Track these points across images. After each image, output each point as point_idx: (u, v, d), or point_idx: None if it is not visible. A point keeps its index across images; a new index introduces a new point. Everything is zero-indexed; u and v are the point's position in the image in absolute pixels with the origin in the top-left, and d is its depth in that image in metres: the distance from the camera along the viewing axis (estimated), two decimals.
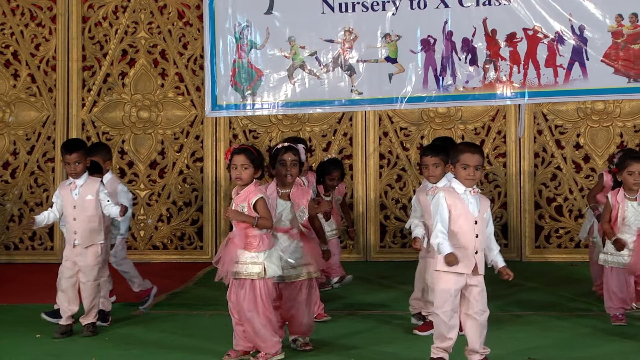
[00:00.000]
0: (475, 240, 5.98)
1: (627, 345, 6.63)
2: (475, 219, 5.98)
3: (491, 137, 10.56)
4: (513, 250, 10.41)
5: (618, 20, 9.99)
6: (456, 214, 5.98)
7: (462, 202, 5.98)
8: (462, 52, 10.26)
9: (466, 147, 6.07)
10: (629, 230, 7.24)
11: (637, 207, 7.23)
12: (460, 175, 6.01)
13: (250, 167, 6.36)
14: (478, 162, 5.99)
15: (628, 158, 7.30)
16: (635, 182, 7.21)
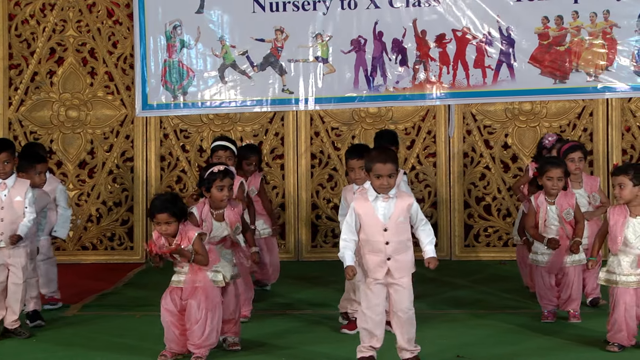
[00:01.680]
0: (385, 247, 6.02)
1: (552, 341, 6.74)
2: (385, 226, 6.01)
3: (421, 137, 10.66)
4: (443, 249, 10.52)
5: (544, 23, 10.16)
6: (366, 222, 6.04)
7: (372, 210, 6.02)
8: (393, 52, 10.34)
9: (377, 157, 6.07)
10: (549, 232, 7.38)
11: (555, 210, 7.38)
12: (374, 184, 6.06)
13: (174, 222, 6.35)
14: (390, 171, 6.01)
15: (547, 164, 7.44)
16: (553, 187, 7.36)
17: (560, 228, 7.35)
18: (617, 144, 10.32)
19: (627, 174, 6.47)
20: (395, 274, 6.02)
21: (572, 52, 10.12)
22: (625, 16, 10.01)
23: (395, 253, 6.03)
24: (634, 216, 6.47)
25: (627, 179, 6.45)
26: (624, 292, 6.46)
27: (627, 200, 6.47)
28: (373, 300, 6.06)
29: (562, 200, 7.38)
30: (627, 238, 6.46)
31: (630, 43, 10.05)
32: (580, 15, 10.08)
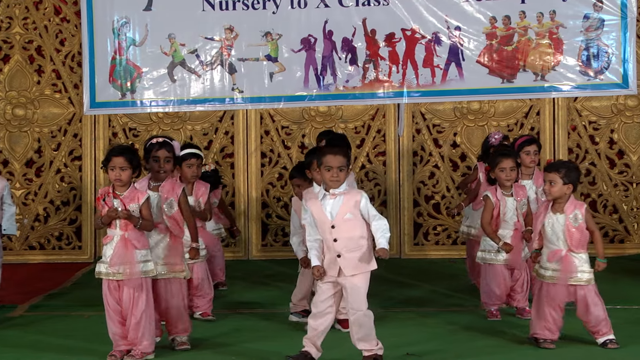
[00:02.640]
0: (333, 244, 6.04)
1: (499, 340, 6.81)
2: (332, 223, 6.04)
3: (371, 135, 10.70)
4: (393, 248, 10.56)
5: (492, 22, 10.25)
6: (317, 219, 6.08)
7: (320, 208, 6.05)
8: (343, 51, 10.37)
9: (329, 149, 6.14)
10: (506, 225, 7.45)
11: (513, 202, 7.45)
12: (325, 177, 6.08)
13: (128, 168, 6.34)
14: (341, 163, 6.03)
15: (499, 155, 7.51)
16: (507, 177, 7.42)
17: (517, 221, 7.43)
18: (563, 143, 10.45)
19: (558, 171, 6.55)
20: (345, 271, 6.04)
21: (519, 52, 10.23)
22: (571, 16, 10.14)
23: (345, 250, 6.05)
24: (554, 212, 6.56)
25: (558, 176, 6.53)
26: (544, 286, 6.54)
27: (555, 197, 6.55)
28: (320, 297, 6.10)
29: (517, 192, 7.48)
30: (546, 233, 6.56)
31: (576, 43, 10.18)
32: (528, 16, 10.19)
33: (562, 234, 6.51)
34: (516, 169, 7.48)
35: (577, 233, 6.51)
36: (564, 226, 6.51)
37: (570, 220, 6.51)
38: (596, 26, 10.13)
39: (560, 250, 6.50)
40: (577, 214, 6.53)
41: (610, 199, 10.48)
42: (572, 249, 6.51)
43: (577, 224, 6.51)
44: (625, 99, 10.41)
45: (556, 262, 6.50)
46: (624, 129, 10.49)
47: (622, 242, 10.45)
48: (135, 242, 6.32)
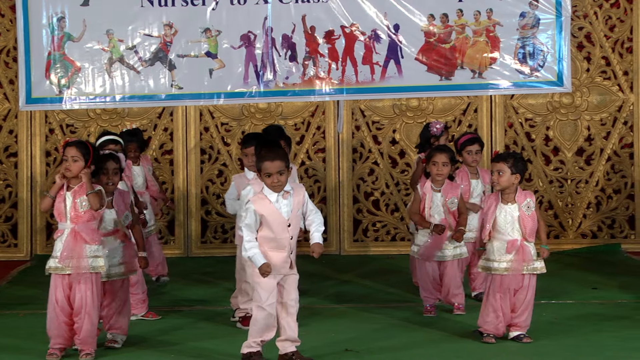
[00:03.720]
0: (290, 242, 6.08)
1: (436, 334, 6.88)
2: (288, 221, 6.07)
3: (311, 132, 10.72)
4: (332, 244, 10.61)
5: (430, 20, 10.33)
6: (269, 220, 6.06)
7: (274, 209, 6.06)
8: (282, 48, 10.36)
9: (266, 155, 6.11)
10: (433, 220, 7.49)
11: (440, 198, 7.50)
12: (267, 183, 6.09)
13: (80, 160, 6.32)
14: (280, 168, 6.05)
15: (434, 149, 7.57)
16: (437, 172, 7.47)
17: (444, 219, 7.47)
18: (500, 140, 10.58)
19: (506, 161, 6.63)
20: (294, 265, 6.10)
21: (457, 50, 10.32)
22: (507, 15, 10.25)
23: (295, 247, 6.13)
24: (505, 202, 6.64)
25: (506, 166, 6.61)
26: (497, 279, 6.62)
27: (504, 187, 6.63)
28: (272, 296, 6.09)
29: (448, 189, 7.51)
30: (498, 224, 6.63)
31: (512, 41, 10.30)
32: (465, 14, 10.29)
33: (517, 223, 6.60)
34: (449, 165, 7.52)
35: (530, 221, 6.61)
36: (518, 215, 6.60)
37: (523, 209, 6.61)
38: (532, 24, 10.26)
39: (516, 240, 6.58)
40: (529, 202, 6.64)
41: (545, 195, 10.63)
42: (525, 238, 6.60)
43: (530, 213, 6.62)
44: (560, 96, 10.57)
45: (514, 252, 6.56)
46: (559, 126, 10.65)
47: (558, 237, 10.61)
48: (85, 235, 6.29)
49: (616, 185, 10.58)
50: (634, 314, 7.44)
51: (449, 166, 7.49)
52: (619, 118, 10.56)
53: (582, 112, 10.60)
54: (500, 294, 6.60)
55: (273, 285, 6.08)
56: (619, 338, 6.67)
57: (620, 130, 10.56)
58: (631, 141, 10.54)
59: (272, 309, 6.09)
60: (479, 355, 6.35)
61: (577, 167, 10.61)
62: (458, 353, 6.39)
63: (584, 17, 10.51)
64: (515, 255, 6.56)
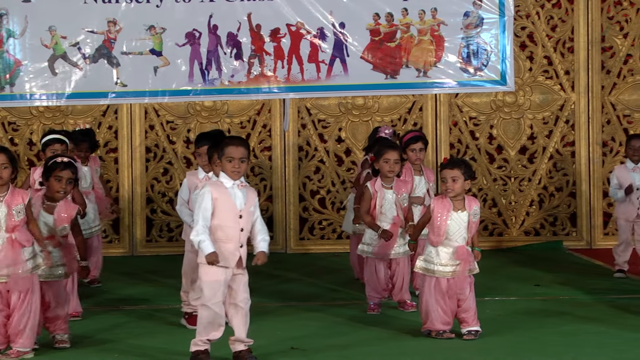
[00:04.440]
0: (240, 234, 6.06)
1: (382, 332, 6.92)
2: (240, 213, 6.05)
3: (257, 130, 10.71)
4: (278, 243, 10.61)
5: (375, 19, 10.38)
6: (222, 208, 6.03)
7: (228, 196, 6.04)
8: (228, 46, 10.34)
9: (230, 140, 6.15)
10: (385, 218, 7.51)
11: (392, 195, 7.53)
12: (227, 168, 6.07)
13: (9, 166, 6.25)
14: (243, 155, 6.05)
15: (384, 147, 7.58)
16: (390, 169, 7.48)
17: (396, 215, 7.50)
18: (445, 138, 10.66)
19: (460, 168, 6.68)
20: (244, 261, 6.07)
21: (402, 49, 10.38)
22: (452, 14, 10.34)
23: (245, 242, 6.09)
24: (456, 210, 6.69)
25: (461, 172, 6.67)
26: (439, 282, 6.67)
27: (458, 193, 6.68)
28: (219, 294, 6.06)
29: (399, 186, 7.53)
30: (449, 231, 6.69)
31: (456, 40, 10.39)
32: (410, 13, 10.35)
33: (464, 231, 6.67)
34: (400, 162, 7.56)
35: (474, 227, 6.72)
36: (466, 222, 6.66)
37: (472, 216, 6.68)
38: (476, 24, 10.36)
39: (463, 246, 6.66)
40: (476, 210, 6.71)
41: (489, 193, 10.74)
42: (467, 243, 6.68)
43: (476, 219, 6.70)
44: (503, 95, 10.68)
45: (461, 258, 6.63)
46: (502, 124, 10.76)
47: (501, 235, 10.73)
48: (21, 240, 6.25)
49: (558, 183, 10.72)
50: (576, 310, 7.55)
51: (399, 163, 7.52)
52: (560, 117, 10.70)
53: (525, 111, 10.72)
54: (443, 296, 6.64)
55: (220, 283, 6.04)
56: (561, 334, 6.77)
57: (562, 128, 10.71)
58: (572, 140, 10.69)
59: (218, 307, 6.05)
60: (423, 352, 6.39)
61: (520, 165, 10.73)
62: (403, 350, 6.43)
63: (527, 17, 10.63)
64: (463, 262, 6.64)
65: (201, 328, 6.12)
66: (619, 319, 7.18)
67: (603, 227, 10.62)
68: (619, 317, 7.23)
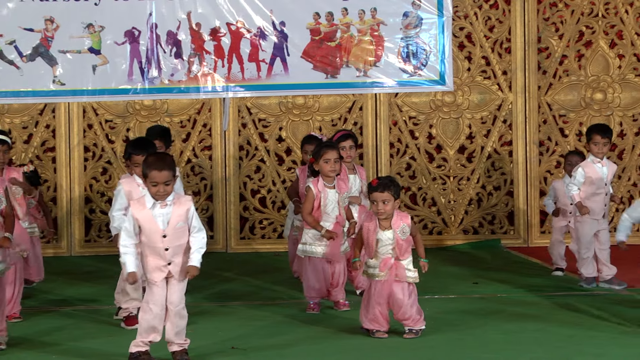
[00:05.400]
0: (165, 253, 6.00)
1: (321, 331, 6.94)
2: (164, 232, 6.00)
3: (197, 130, 10.67)
4: (219, 242, 10.59)
5: (315, 18, 10.40)
6: (146, 227, 6.00)
7: (150, 217, 5.98)
8: (167, 44, 10.29)
9: (154, 164, 5.98)
10: (328, 218, 7.52)
11: (335, 194, 7.55)
12: (151, 191, 6.01)
13: None
14: (166, 178, 5.96)
15: (323, 147, 7.59)
16: (331, 169, 7.49)
17: (339, 215, 7.52)
18: (385, 138, 10.72)
19: (390, 189, 6.68)
20: (176, 275, 6.05)
21: (342, 48, 10.43)
22: (391, 14, 10.42)
23: (175, 257, 6.04)
24: (382, 229, 6.71)
25: (391, 194, 6.68)
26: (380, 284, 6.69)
27: (389, 214, 6.71)
28: (155, 296, 6.03)
29: (340, 185, 7.56)
30: (377, 247, 6.71)
31: (396, 40, 10.47)
32: (350, 12, 10.40)
33: (391, 247, 6.69)
34: (339, 161, 7.58)
35: (405, 244, 6.72)
36: (393, 240, 6.68)
37: (399, 234, 6.69)
38: (415, 24, 10.44)
39: (390, 259, 6.68)
40: (404, 227, 6.70)
41: (429, 192, 10.83)
42: (398, 258, 6.71)
43: (405, 237, 6.71)
44: (442, 95, 10.78)
45: (387, 270, 6.67)
46: (441, 124, 10.85)
47: (440, 233, 10.82)
48: None
49: (496, 182, 10.85)
50: (514, 307, 7.65)
51: (339, 162, 7.54)
52: (498, 117, 10.83)
53: (464, 111, 10.83)
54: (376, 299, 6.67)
55: (159, 287, 6.02)
56: (501, 331, 6.85)
57: (500, 128, 10.84)
58: (510, 139, 10.82)
59: (158, 310, 6.03)
60: (364, 350, 6.43)
61: (459, 164, 10.84)
62: (343, 349, 6.46)
63: (465, 18, 10.74)
64: (388, 271, 6.68)
65: (142, 329, 6.09)
66: (557, 315, 7.29)
67: (540, 225, 10.78)
68: (556, 314, 7.34)
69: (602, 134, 8.33)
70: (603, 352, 6.22)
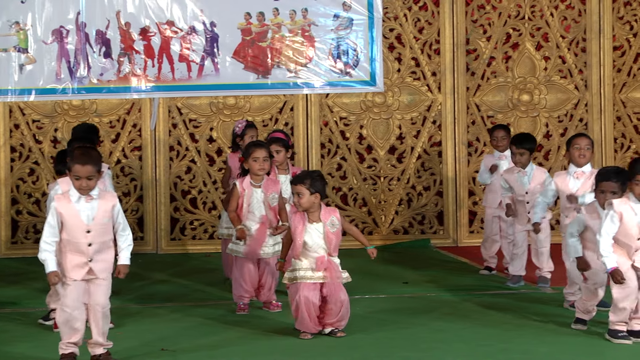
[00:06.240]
0: (87, 249, 5.96)
1: (251, 331, 6.94)
2: (88, 228, 5.95)
3: (127, 130, 10.58)
4: (149, 243, 10.51)
5: (247, 19, 10.38)
6: (69, 223, 5.95)
7: (75, 211, 5.93)
8: (96, 44, 10.18)
9: (77, 158, 5.97)
10: (253, 217, 7.51)
11: (261, 194, 7.54)
12: (75, 185, 5.97)
13: None
14: (89, 173, 5.93)
15: (252, 146, 7.58)
16: (260, 167, 7.48)
17: (264, 215, 7.50)
18: (316, 138, 10.75)
19: (303, 183, 6.70)
20: (97, 274, 5.99)
21: (273, 49, 10.42)
22: (322, 15, 10.45)
23: (97, 254, 5.99)
24: (311, 222, 6.75)
25: (305, 188, 6.70)
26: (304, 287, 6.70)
27: (305, 208, 6.73)
28: (72, 295, 5.97)
29: (268, 185, 7.54)
30: (307, 242, 6.74)
31: (327, 41, 10.50)
32: (281, 13, 10.40)
33: (323, 241, 6.71)
34: (269, 159, 7.57)
35: (335, 238, 6.75)
36: (323, 233, 6.70)
37: (328, 227, 6.72)
38: (345, 25, 10.49)
39: (323, 256, 6.70)
40: (333, 220, 6.75)
41: (360, 193, 10.88)
42: (330, 254, 6.73)
43: (335, 230, 6.74)
44: (373, 96, 10.84)
45: (323, 269, 6.68)
46: (372, 125, 10.92)
47: (371, 233, 10.88)
48: None
49: (426, 183, 10.95)
50: (443, 307, 7.73)
51: (268, 161, 7.54)
52: (428, 117, 10.94)
53: (394, 112, 10.91)
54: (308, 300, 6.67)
55: (76, 287, 5.96)
56: (430, 330, 6.92)
57: (429, 129, 10.94)
58: (439, 140, 10.93)
59: (75, 311, 5.97)
60: (293, 350, 6.44)
61: (390, 165, 10.92)
62: (273, 349, 6.47)
63: (395, 19, 10.82)
64: (325, 272, 6.69)
65: (62, 331, 6.05)
66: (483, 315, 7.39)
67: (469, 225, 10.90)
68: (483, 314, 7.43)
69: (517, 145, 8.48)
70: (528, 349, 6.33)
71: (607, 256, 6.35)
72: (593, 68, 10.94)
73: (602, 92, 10.96)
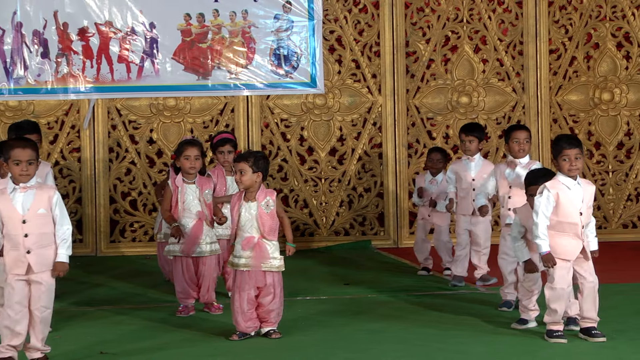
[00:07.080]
0: (24, 240, 5.87)
1: (192, 334, 6.90)
2: (24, 217, 5.88)
3: (65, 131, 10.48)
4: (88, 246, 10.43)
5: (187, 20, 10.35)
6: (4, 215, 5.88)
7: (9, 201, 5.88)
8: (33, 44, 10.07)
9: (16, 143, 5.98)
10: (189, 214, 7.48)
11: (195, 190, 7.51)
12: (14, 171, 5.91)
13: None
14: (30, 157, 5.90)
15: (183, 144, 7.55)
16: (191, 166, 7.44)
17: (201, 211, 7.48)
18: (257, 140, 10.75)
19: (247, 160, 6.69)
20: (35, 267, 5.88)
21: (213, 50, 10.41)
22: (262, 16, 10.46)
23: (36, 247, 5.89)
24: (247, 200, 6.75)
25: (247, 165, 6.68)
26: (238, 276, 6.69)
27: (247, 186, 6.71)
28: (15, 297, 5.88)
29: (202, 182, 7.52)
30: (240, 221, 6.71)
31: (267, 42, 10.51)
32: (221, 14, 10.39)
33: (255, 221, 6.69)
34: (201, 158, 7.52)
35: (269, 220, 6.70)
36: (256, 213, 6.69)
37: (262, 207, 6.70)
38: (286, 27, 10.51)
39: (253, 237, 6.67)
40: (268, 201, 6.73)
41: (301, 194, 10.91)
42: (264, 236, 6.70)
43: (269, 211, 6.72)
44: (314, 97, 10.87)
45: (250, 249, 6.65)
46: (313, 126, 10.95)
47: (312, 235, 10.91)
48: None
49: (367, 184, 11.01)
50: (382, 307, 7.77)
51: (200, 160, 7.51)
52: (368, 119, 11.00)
53: (335, 113, 10.96)
54: (241, 292, 6.66)
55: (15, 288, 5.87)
56: (368, 331, 6.95)
57: (370, 130, 11.01)
58: (380, 141, 11.00)
59: (15, 313, 5.89)
60: (234, 353, 6.43)
61: (331, 166, 10.96)
62: (213, 352, 6.45)
63: (335, 21, 10.87)
64: (252, 252, 6.67)
65: (2, 334, 5.97)
66: (422, 315, 7.44)
67: (409, 226, 10.99)
68: (422, 314, 7.49)
69: (467, 132, 8.52)
70: (465, 349, 6.39)
71: (543, 239, 6.38)
72: (530, 71, 11.10)
73: (539, 94, 11.12)
